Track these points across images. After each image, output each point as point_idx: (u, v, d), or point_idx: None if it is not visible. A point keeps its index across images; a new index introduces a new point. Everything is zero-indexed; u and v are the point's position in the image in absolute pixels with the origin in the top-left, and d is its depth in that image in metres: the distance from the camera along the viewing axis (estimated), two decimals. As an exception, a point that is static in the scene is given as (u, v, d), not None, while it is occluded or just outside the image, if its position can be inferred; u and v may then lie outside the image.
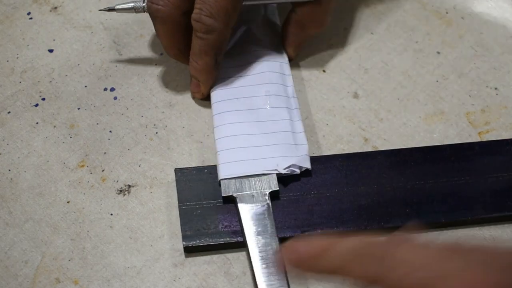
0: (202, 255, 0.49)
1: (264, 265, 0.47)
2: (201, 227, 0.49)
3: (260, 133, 0.52)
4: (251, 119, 0.53)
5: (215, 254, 0.49)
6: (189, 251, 0.49)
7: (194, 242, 0.49)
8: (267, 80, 0.55)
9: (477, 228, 0.51)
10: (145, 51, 0.59)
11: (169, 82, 0.57)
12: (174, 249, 0.49)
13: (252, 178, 0.50)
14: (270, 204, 0.49)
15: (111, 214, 0.51)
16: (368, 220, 0.50)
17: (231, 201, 0.50)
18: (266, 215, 0.49)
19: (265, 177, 0.51)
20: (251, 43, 0.57)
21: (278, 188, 0.50)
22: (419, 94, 0.57)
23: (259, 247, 0.47)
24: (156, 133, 0.55)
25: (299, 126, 0.53)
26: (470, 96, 0.58)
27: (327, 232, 0.49)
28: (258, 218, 0.49)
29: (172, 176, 0.52)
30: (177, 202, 0.51)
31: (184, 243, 0.49)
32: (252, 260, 0.47)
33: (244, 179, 0.50)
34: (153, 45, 0.59)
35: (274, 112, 0.53)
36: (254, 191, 0.50)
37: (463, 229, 0.51)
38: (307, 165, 0.51)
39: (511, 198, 0.51)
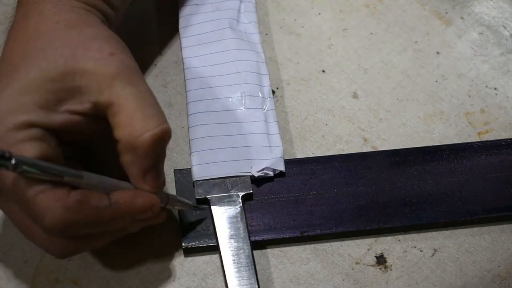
0: (201, 255, 0.49)
1: (235, 269, 0.47)
2: (200, 228, 0.49)
3: (235, 134, 0.52)
4: (226, 120, 0.53)
5: (214, 254, 0.49)
6: (188, 252, 0.49)
7: (193, 243, 0.49)
8: (242, 81, 0.55)
9: (476, 228, 0.51)
10: (145, 51, 0.59)
11: (169, 82, 0.57)
12: (174, 249, 0.49)
13: (226, 180, 0.50)
14: (243, 207, 0.49)
15: (111, 214, 0.51)
16: (367, 221, 0.50)
17: (205, 203, 0.50)
18: (239, 218, 0.49)
19: (239, 179, 0.50)
20: (227, 42, 0.57)
21: (251, 191, 0.50)
22: (418, 94, 0.57)
23: (231, 250, 0.48)
24: (156, 133, 0.54)
25: (274, 128, 0.53)
26: (469, 96, 0.58)
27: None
28: (231, 221, 0.49)
29: (171, 177, 0.52)
30: (176, 202, 0.51)
31: (183, 244, 0.49)
32: (224, 263, 0.47)
33: (218, 181, 0.50)
34: (152, 45, 0.59)
35: (249, 113, 0.53)
36: (228, 194, 0.50)
37: (463, 229, 0.51)
38: (281, 167, 0.51)
39: (510, 198, 0.51)
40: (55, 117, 0.42)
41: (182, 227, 0.49)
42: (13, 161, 0.37)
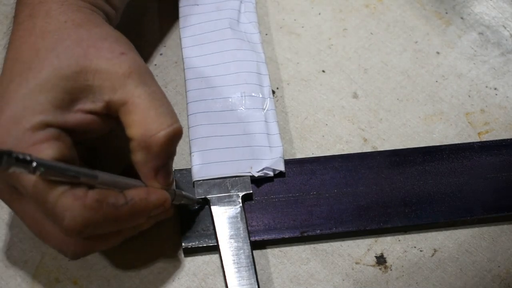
0: (201, 255, 0.49)
1: (235, 269, 0.47)
2: (200, 228, 0.49)
3: (235, 134, 0.52)
4: (226, 120, 0.53)
5: (214, 254, 0.49)
6: (188, 252, 0.49)
7: (193, 243, 0.49)
8: (243, 81, 0.55)
9: (476, 228, 0.51)
10: (145, 51, 0.59)
11: (169, 82, 0.57)
12: (174, 249, 0.49)
13: (226, 181, 0.50)
14: (243, 207, 0.49)
15: (111, 214, 0.51)
16: (367, 221, 0.50)
17: (205, 203, 0.50)
18: (239, 218, 0.49)
19: (239, 179, 0.50)
20: (227, 42, 0.57)
21: (251, 191, 0.50)
22: (418, 94, 0.57)
23: (231, 250, 0.48)
24: (156, 133, 0.54)
25: (274, 128, 0.53)
26: (469, 96, 0.58)
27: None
28: (231, 221, 0.49)
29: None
30: (176, 202, 0.51)
31: (183, 244, 0.49)
32: (224, 263, 0.47)
33: (218, 181, 0.50)
34: (152, 45, 0.59)
35: (249, 113, 0.53)
36: (228, 194, 0.50)
37: (463, 229, 0.51)
38: (281, 167, 0.51)
39: (510, 198, 0.51)
40: (69, 117, 0.42)
41: (182, 227, 0.49)
42: (34, 164, 0.37)
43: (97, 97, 0.43)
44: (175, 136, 0.43)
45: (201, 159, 0.51)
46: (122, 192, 0.43)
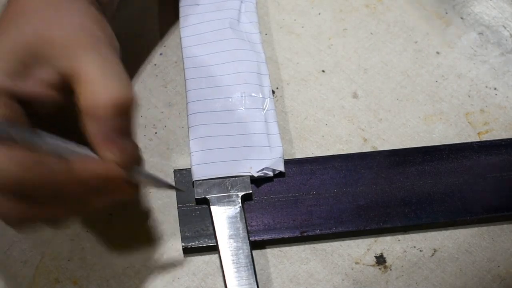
0: (201, 255, 0.49)
1: (235, 269, 0.47)
2: (200, 228, 0.49)
3: (235, 134, 0.52)
4: (226, 120, 0.53)
5: (214, 254, 0.49)
6: (188, 252, 0.49)
7: (193, 243, 0.49)
8: (243, 81, 0.55)
9: (476, 228, 0.51)
10: (144, 51, 0.59)
11: (169, 82, 0.57)
12: (173, 249, 0.49)
13: (226, 180, 0.50)
14: (242, 207, 0.49)
15: (111, 214, 0.51)
16: (367, 221, 0.50)
17: (204, 203, 0.50)
18: (239, 219, 0.49)
19: (239, 179, 0.50)
20: (228, 42, 0.57)
21: (251, 191, 0.50)
22: (418, 94, 0.57)
23: (230, 250, 0.48)
24: (156, 133, 0.55)
25: (274, 128, 0.53)
26: (469, 96, 0.58)
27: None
28: (231, 221, 0.49)
29: (171, 176, 0.52)
30: (176, 202, 0.51)
31: (183, 244, 0.49)
32: (223, 263, 0.47)
33: (217, 181, 0.50)
34: (152, 45, 0.59)
35: (249, 113, 0.53)
36: (227, 194, 0.50)
37: (463, 229, 0.51)
38: (281, 168, 0.51)
39: (510, 198, 0.51)
40: (21, 85, 0.42)
41: (182, 227, 0.49)
42: None
43: (51, 67, 0.43)
44: (125, 102, 0.41)
45: (201, 159, 0.51)
46: (66, 159, 0.41)
